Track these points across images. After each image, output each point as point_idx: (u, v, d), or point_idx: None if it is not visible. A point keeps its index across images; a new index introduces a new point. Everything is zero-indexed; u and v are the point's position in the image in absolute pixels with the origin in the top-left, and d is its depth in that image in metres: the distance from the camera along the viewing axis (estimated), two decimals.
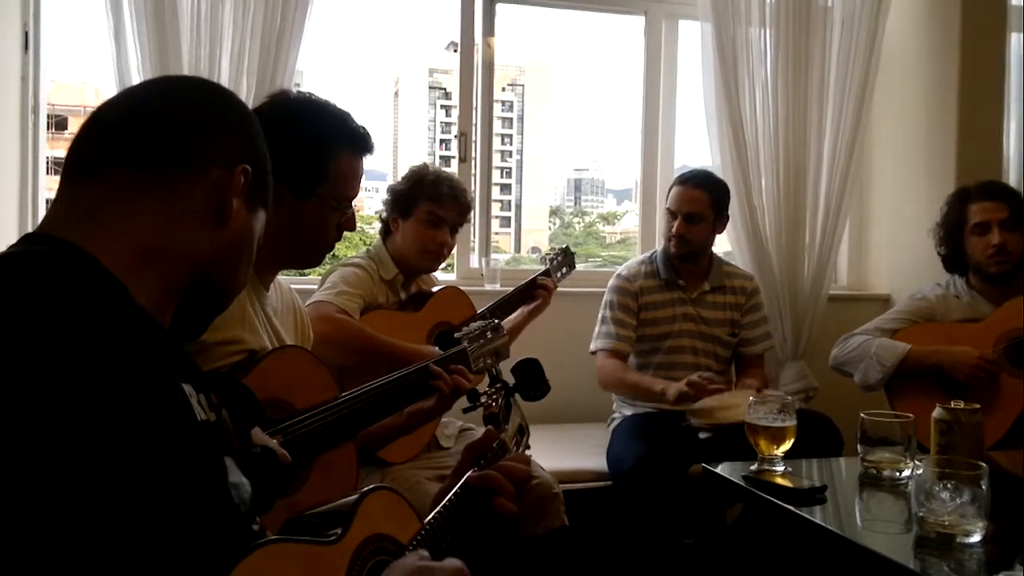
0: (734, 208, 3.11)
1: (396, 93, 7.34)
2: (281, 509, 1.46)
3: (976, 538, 1.41)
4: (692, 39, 3.35)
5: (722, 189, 2.86)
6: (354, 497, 0.98)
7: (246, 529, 0.85)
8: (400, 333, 2.17)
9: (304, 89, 2.35)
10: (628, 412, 2.79)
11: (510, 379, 1.68)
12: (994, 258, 2.61)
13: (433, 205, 2.34)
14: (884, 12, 3.30)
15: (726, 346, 2.85)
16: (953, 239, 2.73)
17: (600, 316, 2.84)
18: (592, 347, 2.83)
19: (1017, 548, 1.47)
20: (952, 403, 1.81)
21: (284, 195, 1.55)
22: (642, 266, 2.86)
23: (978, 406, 1.80)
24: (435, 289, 2.45)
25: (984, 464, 1.45)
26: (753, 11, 3.22)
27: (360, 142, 1.64)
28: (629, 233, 4.25)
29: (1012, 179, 3.38)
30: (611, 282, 2.86)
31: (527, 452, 1.50)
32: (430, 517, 1.07)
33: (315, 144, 1.57)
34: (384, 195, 2.47)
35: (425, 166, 2.43)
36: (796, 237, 3.28)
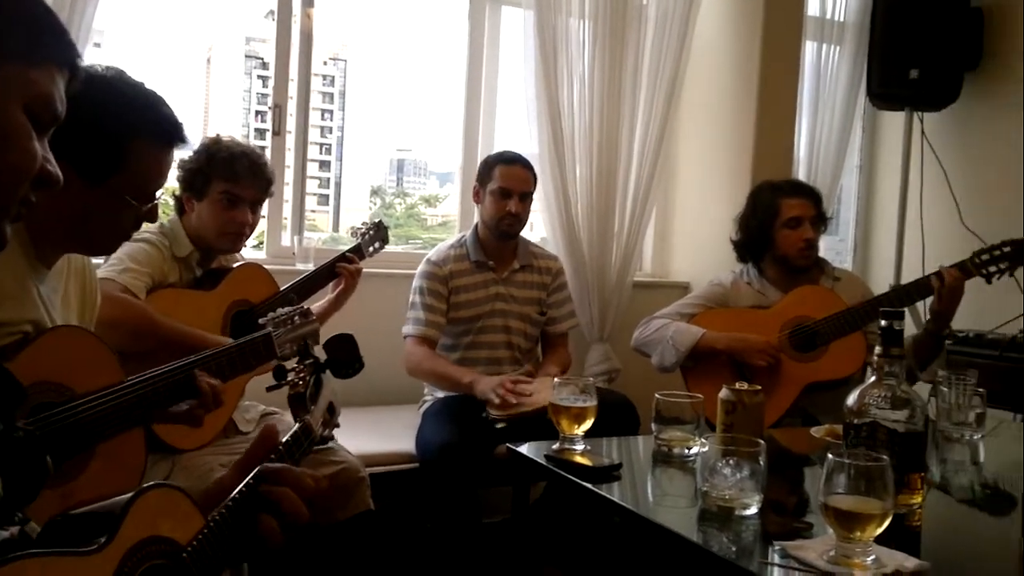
0: (550, 195, 3.18)
1: (208, 60, 6.95)
2: (55, 499, 1.35)
3: (753, 511, 1.50)
4: (515, 26, 3.37)
5: None
6: (126, 497, 0.90)
7: None
8: (193, 313, 2.05)
9: (107, 50, 2.13)
10: (440, 395, 2.80)
11: (321, 355, 1.60)
12: (804, 251, 2.79)
13: (228, 185, 2.15)
14: (695, 12, 3.45)
15: (535, 324, 2.93)
16: (762, 228, 2.83)
17: (410, 301, 2.83)
18: (403, 332, 2.81)
19: (790, 519, 1.59)
20: (737, 384, 1.92)
21: (72, 180, 1.39)
22: (452, 250, 2.87)
23: (760, 387, 1.91)
24: (234, 266, 2.30)
25: (762, 441, 1.55)
26: (573, 2, 3.28)
27: (168, 133, 1.48)
28: (450, 217, 4.25)
29: (801, 177, 3.65)
30: (420, 267, 2.86)
31: (334, 431, 1.45)
32: (215, 513, 0.98)
33: (113, 131, 1.41)
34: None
35: (217, 139, 2.22)
36: (606, 225, 3.39)
